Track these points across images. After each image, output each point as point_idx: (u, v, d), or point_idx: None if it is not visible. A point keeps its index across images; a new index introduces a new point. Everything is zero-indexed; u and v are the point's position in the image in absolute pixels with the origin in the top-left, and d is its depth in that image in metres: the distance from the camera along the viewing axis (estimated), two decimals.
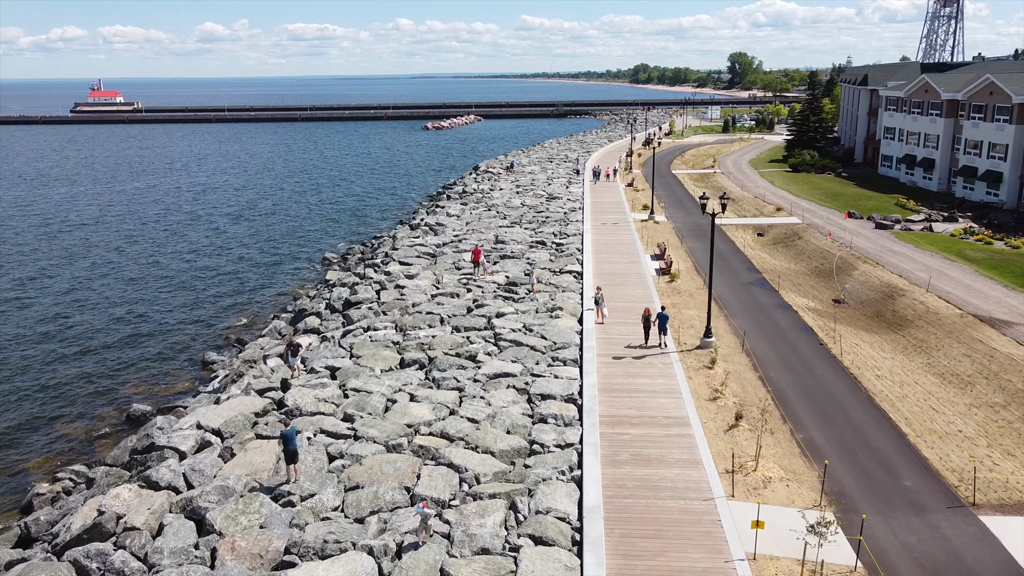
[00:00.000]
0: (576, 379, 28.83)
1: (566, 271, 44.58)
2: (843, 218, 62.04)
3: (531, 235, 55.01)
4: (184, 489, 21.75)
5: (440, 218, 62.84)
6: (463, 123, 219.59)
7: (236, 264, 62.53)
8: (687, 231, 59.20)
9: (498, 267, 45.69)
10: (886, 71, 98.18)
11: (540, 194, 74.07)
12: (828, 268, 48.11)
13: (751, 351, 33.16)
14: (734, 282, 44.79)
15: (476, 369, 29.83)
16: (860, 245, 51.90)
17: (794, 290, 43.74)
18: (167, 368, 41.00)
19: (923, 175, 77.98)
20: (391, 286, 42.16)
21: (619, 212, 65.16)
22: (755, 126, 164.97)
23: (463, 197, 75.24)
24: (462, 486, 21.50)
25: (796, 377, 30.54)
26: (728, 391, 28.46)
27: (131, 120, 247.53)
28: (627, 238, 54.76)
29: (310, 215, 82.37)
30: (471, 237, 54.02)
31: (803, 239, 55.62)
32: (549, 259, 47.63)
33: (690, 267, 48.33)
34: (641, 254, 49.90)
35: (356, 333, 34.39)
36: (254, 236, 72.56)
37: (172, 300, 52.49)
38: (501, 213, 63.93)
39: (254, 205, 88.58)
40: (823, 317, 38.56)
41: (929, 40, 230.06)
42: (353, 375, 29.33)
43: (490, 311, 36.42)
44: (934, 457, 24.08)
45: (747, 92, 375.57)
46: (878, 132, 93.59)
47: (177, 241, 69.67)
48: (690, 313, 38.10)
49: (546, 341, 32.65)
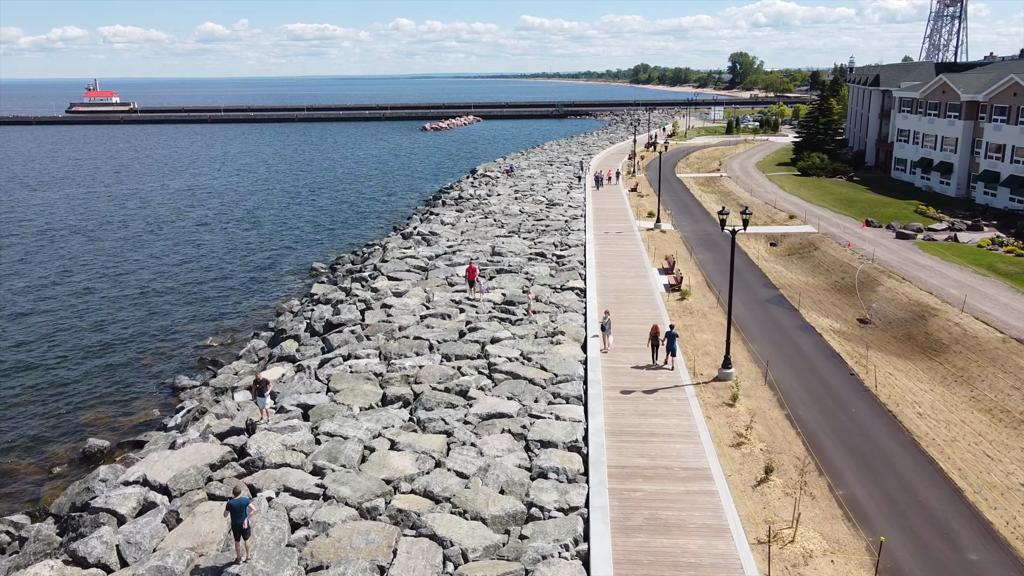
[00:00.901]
0: (580, 420, 25.39)
1: (568, 287, 41.13)
2: (860, 226, 58.59)
3: (530, 246, 51.58)
4: (116, 567, 18.31)
5: (434, 226, 59.39)
6: (462, 124, 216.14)
7: (218, 274, 59.09)
8: (696, 241, 55.75)
9: (494, 282, 42.26)
10: (899, 71, 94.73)
11: (540, 200, 70.63)
12: (849, 283, 44.66)
13: (775, 383, 29.72)
14: (750, 299, 41.33)
15: (467, 408, 26.39)
16: (882, 257, 48.44)
17: (815, 308, 40.28)
18: (135, 392, 37.65)
19: (940, 180, 74.54)
20: (377, 305, 38.72)
21: (623, 220, 61.72)
22: (759, 127, 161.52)
23: (459, 203, 71.80)
24: (446, 565, 18.06)
25: (828, 416, 27.08)
26: (754, 435, 25.01)
27: (126, 121, 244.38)
28: (632, 249, 51.32)
29: (301, 221, 78.95)
30: (466, 249, 50.57)
31: (820, 250, 52.18)
32: (549, 273, 44.19)
33: (701, 282, 44.89)
34: (648, 267, 46.47)
35: (335, 362, 30.94)
36: (239, 243, 69.13)
37: (146, 314, 49.06)
38: (498, 221, 60.48)
39: (241, 210, 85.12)
40: (850, 341, 35.11)
41: (932, 40, 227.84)
42: (328, 415, 25.89)
43: (484, 335, 32.98)
44: (999, 521, 20.64)
45: (748, 92, 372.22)
46: (890, 134, 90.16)
47: (157, 249, 66.21)
48: (704, 337, 34.65)
49: (546, 373, 29.21)
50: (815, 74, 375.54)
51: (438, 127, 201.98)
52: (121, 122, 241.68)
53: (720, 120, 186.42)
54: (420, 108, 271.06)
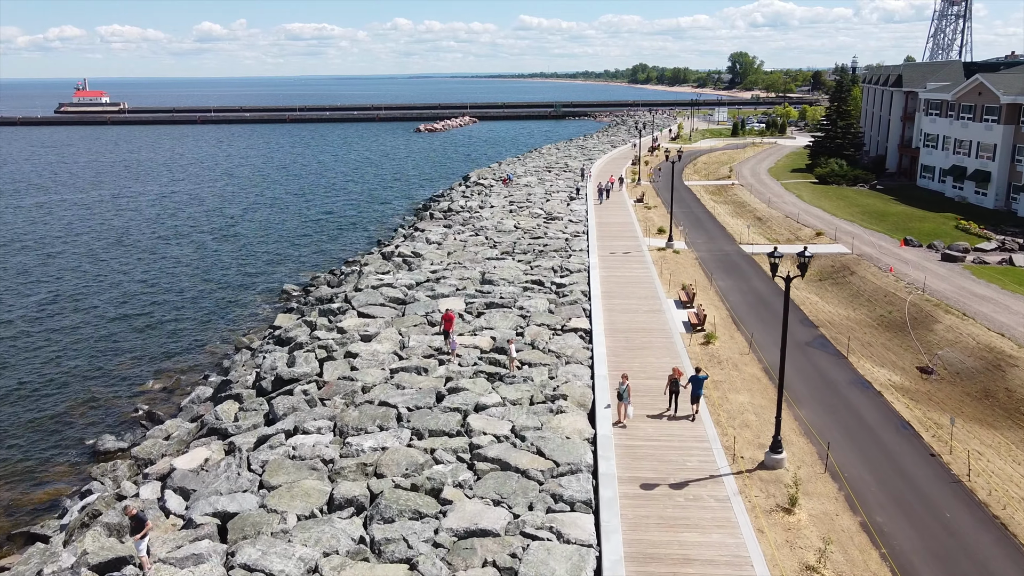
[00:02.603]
0: (590, 543, 18.81)
1: (570, 328, 34.51)
2: (898, 245, 52.06)
3: (526, 271, 44.98)
4: None
5: (418, 245, 52.79)
6: (457, 125, 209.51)
7: (179, 296, 52.66)
8: (714, 263, 49.18)
9: (484, 320, 35.67)
10: (923, 71, 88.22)
11: (537, 213, 64.03)
12: (899, 318, 38.11)
13: (838, 471, 23.15)
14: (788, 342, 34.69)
15: (440, 518, 19.82)
16: (933, 286, 41.88)
17: (866, 353, 33.73)
18: (49, 454, 31.41)
19: (975, 190, 68.03)
20: (340, 352, 32.10)
21: (630, 237, 55.14)
22: (765, 129, 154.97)
23: (448, 216, 65.17)
24: None
25: (918, 527, 20.51)
26: (828, 567, 18.43)
27: (114, 121, 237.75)
28: (643, 274, 44.75)
29: (279, 233, 72.34)
30: (451, 275, 43.94)
31: (857, 275, 45.63)
32: (548, 308, 37.58)
33: (725, 317, 38.30)
34: (663, 299, 39.89)
35: (276, 441, 24.32)
36: (210, 259, 62.60)
37: (85, 348, 42.70)
38: (490, 239, 53.86)
39: (217, 220, 78.45)
40: (917, 401, 28.58)
41: (937, 40, 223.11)
42: (252, 531, 19.31)
43: (467, 400, 26.39)
44: None
45: (749, 93, 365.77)
46: (915, 139, 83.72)
47: (116, 266, 59.51)
48: (740, 400, 28.08)
49: (545, 460, 22.60)
50: (816, 74, 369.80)
51: (432, 129, 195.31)
52: (109, 123, 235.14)
53: (724, 122, 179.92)
54: (415, 108, 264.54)
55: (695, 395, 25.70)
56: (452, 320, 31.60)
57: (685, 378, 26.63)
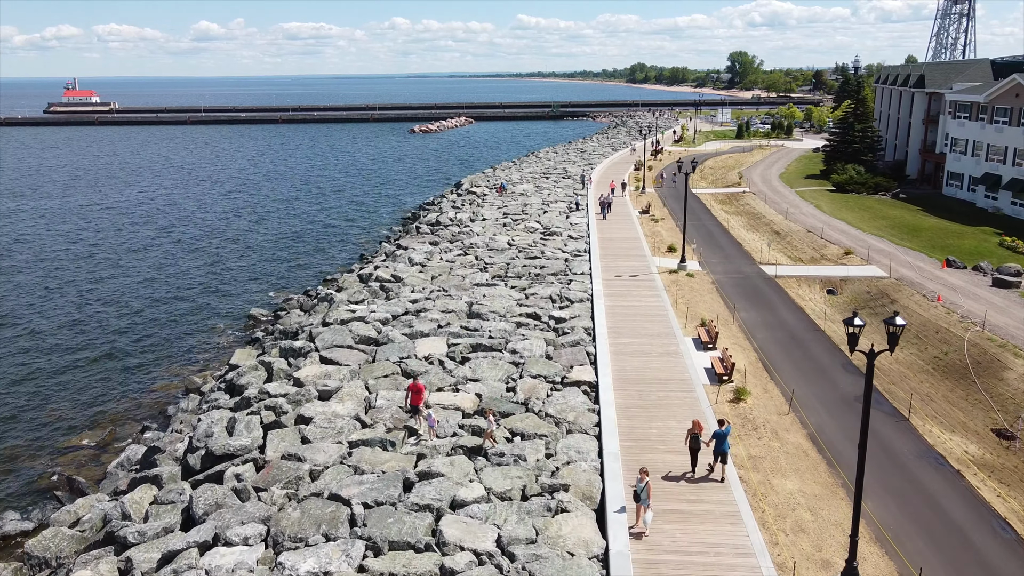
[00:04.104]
0: None
1: (571, 381, 28.69)
2: (939, 267, 46.34)
3: (519, 300, 39.16)
4: None
5: (399, 267, 46.96)
6: (452, 126, 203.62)
7: (133, 319, 47.19)
8: (734, 289, 43.39)
9: (468, 368, 29.87)
10: (947, 70, 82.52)
11: (533, 226, 58.20)
12: (958, 361, 32.37)
13: None
14: (833, 397, 28.96)
15: None
16: (992, 320, 36.06)
17: (928, 411, 27.97)
18: None
19: (1012, 200, 62.32)
20: (292, 415, 26.28)
21: (637, 255, 49.39)
22: (771, 131, 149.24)
23: (435, 230, 59.30)
24: None
25: None
26: None
27: (102, 122, 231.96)
28: (655, 304, 38.96)
29: (255, 245, 66.56)
30: (433, 307, 38.07)
31: (899, 304, 39.83)
32: (545, 352, 31.75)
33: (754, 361, 32.52)
34: (679, 336, 34.09)
35: (183, 563, 18.45)
36: (175, 276, 56.90)
37: (10, 381, 37.17)
38: (480, 260, 48.04)
39: (190, 231, 72.52)
40: (1009, 486, 22.81)
41: (940, 39, 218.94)
42: None
43: (441, 492, 20.56)
44: None
45: (749, 93, 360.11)
46: (939, 144, 78.05)
47: (63, 280, 53.46)
48: (788, 488, 22.26)
49: None
50: (818, 73, 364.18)
51: (427, 129, 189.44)
52: (97, 123, 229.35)
53: (728, 123, 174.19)
54: (409, 109, 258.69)
55: (719, 452, 21.56)
56: (421, 393, 25.12)
57: (707, 433, 22.58)
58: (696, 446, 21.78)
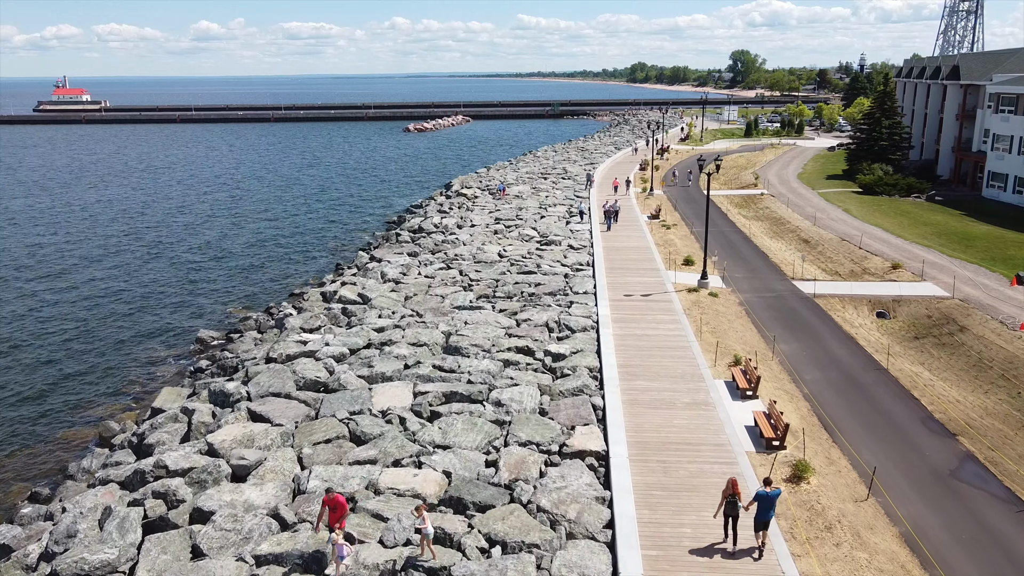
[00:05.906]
0: None
1: (573, 452, 21.51)
2: (1008, 284, 39.22)
3: (509, 328, 32.00)
4: None
5: (369, 283, 39.85)
6: (449, 125, 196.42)
7: (61, 342, 40.39)
8: (766, 312, 36.25)
9: (439, 427, 22.77)
10: (984, 61, 75.43)
11: (528, 234, 51.09)
12: None
13: None
14: (918, 466, 21.80)
15: None
16: None
17: None
18: None
19: None
20: (188, 505, 19.17)
21: (649, 269, 42.28)
22: (780, 129, 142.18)
23: (416, 239, 52.17)
24: None
25: None
26: None
27: (89, 120, 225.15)
28: (674, 333, 31.83)
29: (227, 252, 59.38)
30: (403, 337, 30.89)
31: (970, 332, 32.72)
32: (539, 404, 24.63)
33: (807, 415, 25.37)
34: (708, 379, 26.97)
35: None
36: (129, 287, 50.12)
37: None
38: (465, 275, 40.90)
39: (156, 236, 65.29)
40: None
41: (947, 36, 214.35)
42: None
43: None
44: None
45: (752, 92, 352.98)
46: (976, 141, 70.93)
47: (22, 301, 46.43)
48: None
49: None
50: (822, 72, 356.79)
51: (423, 128, 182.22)
52: (85, 122, 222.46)
53: (735, 121, 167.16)
54: (406, 107, 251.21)
55: (762, 520, 16.63)
56: (342, 509, 17.23)
57: (748, 496, 17.12)
58: (733, 512, 16.66)
